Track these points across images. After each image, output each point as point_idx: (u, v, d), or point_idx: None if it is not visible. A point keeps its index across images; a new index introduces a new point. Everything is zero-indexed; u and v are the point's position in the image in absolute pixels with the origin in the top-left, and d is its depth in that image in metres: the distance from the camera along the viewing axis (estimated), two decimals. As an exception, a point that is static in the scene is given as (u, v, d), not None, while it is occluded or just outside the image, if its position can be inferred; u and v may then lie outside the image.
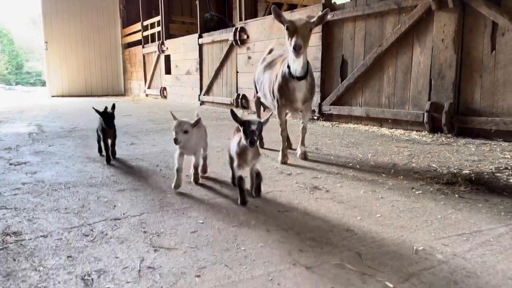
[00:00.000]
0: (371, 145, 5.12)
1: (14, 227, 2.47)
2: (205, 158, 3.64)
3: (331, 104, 7.33)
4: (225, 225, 2.51)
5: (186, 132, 3.04)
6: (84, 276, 1.88)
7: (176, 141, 3.01)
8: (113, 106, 4.19)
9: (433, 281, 1.81)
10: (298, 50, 3.64)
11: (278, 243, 2.24)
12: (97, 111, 4.16)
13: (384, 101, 6.53)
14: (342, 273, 1.89)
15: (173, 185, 3.23)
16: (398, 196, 3.04)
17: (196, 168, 3.40)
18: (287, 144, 4.76)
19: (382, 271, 1.90)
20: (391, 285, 1.78)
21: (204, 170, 3.64)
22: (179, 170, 3.21)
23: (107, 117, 4.08)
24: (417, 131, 5.94)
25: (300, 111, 4.34)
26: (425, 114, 5.74)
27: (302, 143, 4.38)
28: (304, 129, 4.39)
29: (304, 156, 4.33)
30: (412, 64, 6.07)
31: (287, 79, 4.01)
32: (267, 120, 2.86)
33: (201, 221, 2.57)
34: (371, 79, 6.70)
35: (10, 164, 4.20)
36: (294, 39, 3.65)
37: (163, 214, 2.70)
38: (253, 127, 2.69)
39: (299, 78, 3.96)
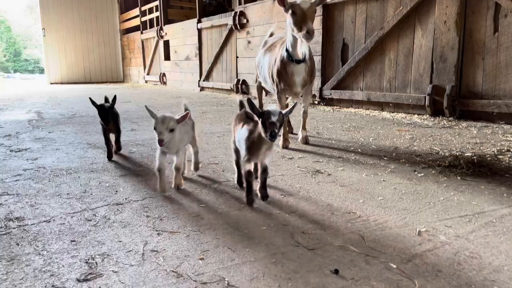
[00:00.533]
0: (372, 129, 5.10)
1: (16, 212, 2.47)
2: (196, 153, 3.24)
3: (332, 89, 7.29)
4: (228, 209, 2.51)
5: (172, 130, 2.59)
6: (88, 259, 1.88)
7: (161, 142, 2.54)
8: (114, 98, 3.75)
9: (436, 262, 1.82)
10: (311, 34, 3.51)
11: (280, 226, 2.24)
12: (93, 102, 3.63)
13: (386, 84, 6.49)
14: (345, 255, 1.90)
15: (158, 187, 2.81)
16: (400, 179, 3.03)
17: (178, 170, 2.83)
18: (288, 128, 4.74)
19: (385, 253, 1.91)
20: (394, 266, 1.78)
21: (196, 167, 3.26)
22: (161, 171, 2.78)
23: (103, 111, 3.57)
24: (418, 114, 5.91)
25: (301, 96, 4.31)
26: (426, 97, 5.71)
27: (303, 128, 4.36)
28: (305, 114, 4.33)
29: (306, 141, 4.31)
30: (414, 47, 6.02)
31: (286, 63, 3.96)
32: (290, 110, 2.49)
33: (203, 205, 2.57)
34: (372, 63, 6.65)
35: (11, 150, 4.19)
36: (305, 24, 3.51)
37: (165, 199, 2.70)
38: (274, 118, 2.30)
39: (298, 62, 3.92)
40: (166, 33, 13.76)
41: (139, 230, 2.21)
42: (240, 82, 9.87)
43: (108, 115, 3.59)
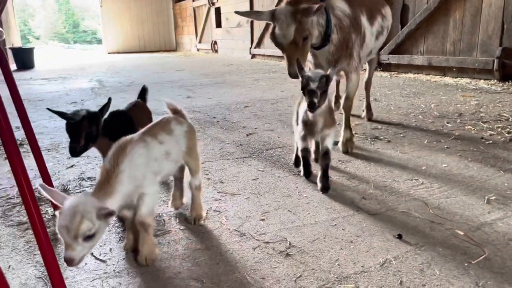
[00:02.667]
0: (433, 95, 4.85)
1: (88, 173, 2.65)
2: (197, 188, 1.92)
3: (390, 53, 6.96)
4: (285, 173, 2.52)
5: (88, 237, 1.31)
6: (156, 217, 1.98)
7: (70, 262, 1.28)
8: (107, 104, 1.98)
9: (507, 230, 1.74)
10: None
11: (340, 191, 2.23)
12: (56, 112, 1.90)
13: (449, 48, 6.09)
14: (408, 221, 1.86)
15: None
16: (466, 146, 2.88)
17: (143, 226, 1.57)
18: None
19: (450, 220, 1.85)
20: (461, 233, 1.73)
21: (198, 215, 1.93)
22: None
23: (71, 126, 1.87)
24: (485, 79, 5.53)
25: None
26: (495, 61, 5.30)
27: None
28: (347, 100, 3.04)
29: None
30: (482, 6, 5.55)
31: None
32: (333, 72, 2.08)
33: (261, 169, 2.61)
34: (434, 25, 6.24)
35: (78, 116, 4.44)
36: None
37: (224, 163, 2.76)
38: (313, 85, 1.99)
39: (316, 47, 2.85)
40: (217, 0, 13.69)
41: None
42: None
43: (80, 134, 1.87)
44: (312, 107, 2.00)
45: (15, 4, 14.67)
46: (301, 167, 2.43)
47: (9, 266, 1.62)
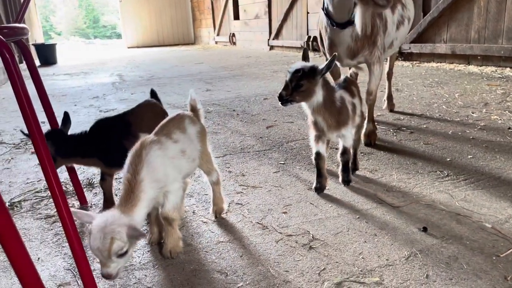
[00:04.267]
0: (457, 84, 4.73)
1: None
2: (216, 184, 1.91)
3: (411, 42, 6.81)
4: (306, 165, 2.51)
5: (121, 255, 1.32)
6: (184, 211, 2.00)
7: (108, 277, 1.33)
8: (65, 119, 2.03)
9: (538, 223, 1.69)
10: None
11: (363, 183, 2.20)
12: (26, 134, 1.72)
13: (473, 35, 5.92)
14: (433, 213, 1.83)
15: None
16: (492, 136, 2.81)
17: (167, 220, 1.60)
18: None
19: (478, 213, 1.81)
20: (489, 226, 1.69)
21: (219, 209, 1.93)
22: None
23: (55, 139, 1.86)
24: (511, 67, 5.35)
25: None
26: (522, 48, 5.13)
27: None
28: (368, 94, 2.90)
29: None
30: (509, -9, 5.36)
31: (325, 27, 2.81)
32: (327, 66, 1.87)
33: (282, 162, 2.60)
34: (458, 12, 6.07)
35: (100, 111, 4.52)
36: None
37: (245, 156, 2.77)
38: (287, 77, 1.89)
39: (342, 26, 2.63)
40: (235, -8, 13.63)
41: (223, 184, 2.29)
42: (311, 39, 9.58)
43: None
44: (279, 99, 1.90)
45: (37, 1, 14.94)
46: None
47: (38, 258, 1.66)
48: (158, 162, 1.50)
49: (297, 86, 1.87)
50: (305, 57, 2.03)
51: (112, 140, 1.87)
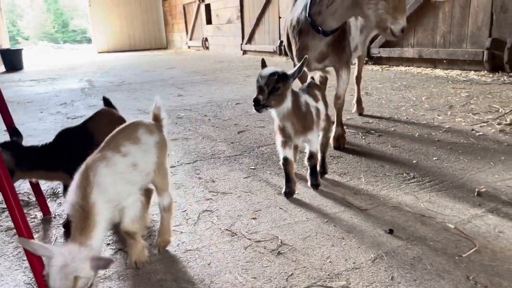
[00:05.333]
0: (424, 87, 4.86)
1: (78, 175, 2.62)
2: (167, 209, 1.70)
3: (381, 46, 6.96)
4: (277, 170, 2.51)
5: None
6: (149, 222, 1.96)
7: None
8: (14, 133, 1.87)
9: (498, 222, 1.74)
10: (403, 32, 2.38)
11: (332, 187, 2.22)
12: None
13: (439, 40, 6.11)
14: (399, 215, 1.86)
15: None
16: (456, 138, 2.89)
17: (128, 235, 1.53)
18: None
19: (442, 213, 1.85)
20: (452, 226, 1.73)
21: (164, 242, 1.70)
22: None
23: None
24: (475, 71, 5.54)
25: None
26: (485, 52, 5.32)
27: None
28: (336, 98, 2.93)
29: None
30: (472, -3, 5.56)
31: (303, 29, 2.80)
32: (298, 70, 1.89)
33: (253, 167, 2.59)
34: (424, 17, 6.24)
35: (68, 118, 4.40)
36: (402, 15, 2.34)
37: (215, 161, 2.75)
38: (262, 81, 1.85)
39: (325, 33, 2.66)
40: (207, -3, 13.61)
41: (192, 191, 2.28)
42: (283, 44, 9.64)
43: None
44: (255, 104, 1.85)
45: (3, 5, 14.47)
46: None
47: (-2, 272, 1.60)
48: (108, 181, 1.39)
49: (274, 89, 1.84)
50: (264, 67, 1.99)
51: (76, 151, 1.76)
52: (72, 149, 1.82)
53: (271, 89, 1.85)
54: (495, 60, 5.29)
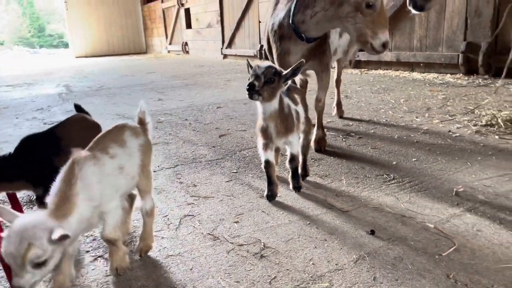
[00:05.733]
0: (402, 90, 4.95)
1: (55, 181, 2.56)
2: (149, 213, 1.68)
3: (360, 50, 7.05)
4: (259, 173, 2.51)
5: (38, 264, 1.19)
6: (130, 230, 1.93)
7: None
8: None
9: (476, 221, 1.78)
10: (385, 48, 2.38)
11: (313, 189, 2.23)
12: None
13: (416, 44, 6.24)
14: (380, 216, 1.88)
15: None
16: (434, 139, 2.95)
17: (109, 242, 1.50)
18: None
19: (421, 213, 1.88)
20: (432, 226, 1.76)
21: (146, 247, 1.67)
22: None
23: None
24: (451, 74, 5.68)
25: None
26: (460, 55, 5.46)
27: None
28: (317, 101, 2.96)
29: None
30: (447, 2, 5.70)
31: (284, 34, 2.81)
32: (292, 71, 1.94)
33: (235, 171, 2.58)
34: (401, 21, 6.37)
35: (44, 123, 4.30)
36: (384, 31, 2.34)
37: (197, 165, 2.73)
38: (259, 70, 1.88)
39: (308, 40, 2.71)
40: (186, 1, 13.56)
41: (173, 196, 2.25)
42: (264, 48, 9.68)
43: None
44: (250, 88, 1.84)
45: (-25, 9, 14.09)
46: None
47: (-29, 284, 1.54)
48: (93, 179, 1.37)
49: (269, 81, 1.88)
50: (250, 68, 1.99)
51: (40, 158, 1.70)
52: (35, 157, 1.73)
53: (267, 79, 1.87)
54: (470, 63, 5.44)
